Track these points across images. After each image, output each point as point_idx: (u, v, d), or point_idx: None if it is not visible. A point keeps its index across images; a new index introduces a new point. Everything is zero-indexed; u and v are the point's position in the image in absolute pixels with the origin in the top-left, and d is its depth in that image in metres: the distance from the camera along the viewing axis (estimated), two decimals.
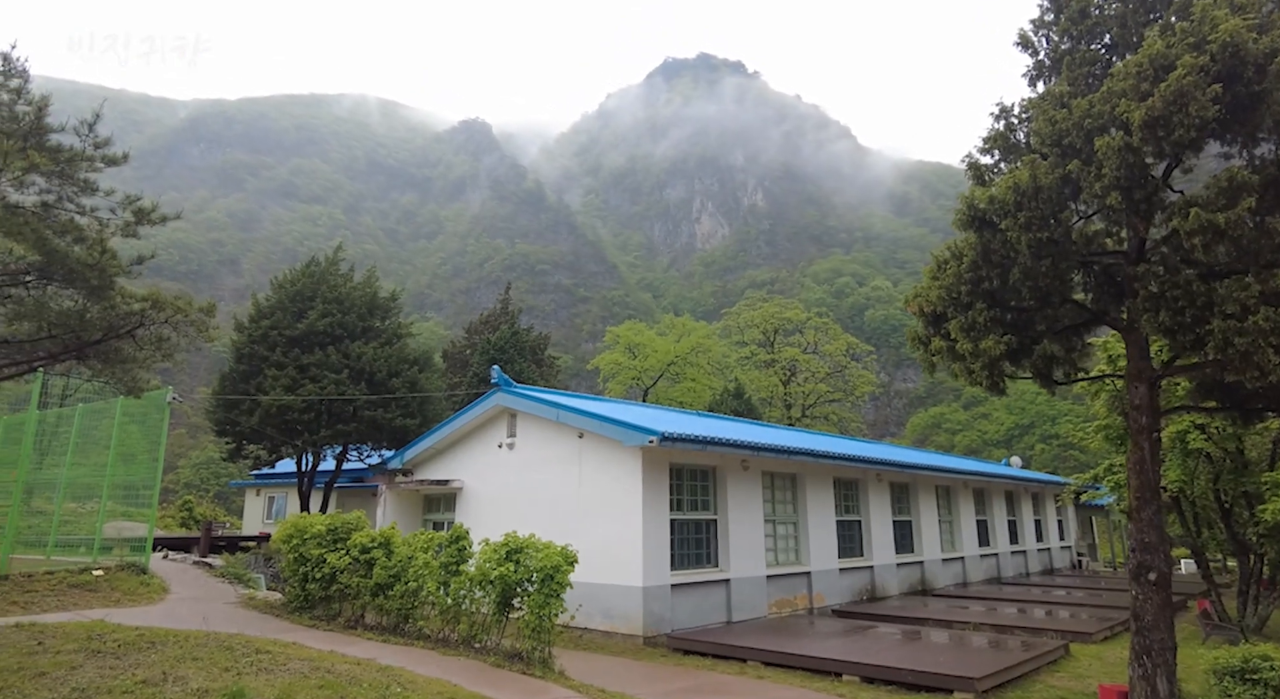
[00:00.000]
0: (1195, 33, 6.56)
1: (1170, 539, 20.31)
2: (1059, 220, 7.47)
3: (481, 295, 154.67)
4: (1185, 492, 16.38)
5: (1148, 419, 7.71)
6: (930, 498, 21.59)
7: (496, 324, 35.02)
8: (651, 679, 9.72)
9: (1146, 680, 7.25)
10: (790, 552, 16.55)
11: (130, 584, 12.32)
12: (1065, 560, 29.81)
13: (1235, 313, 6.38)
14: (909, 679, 9.76)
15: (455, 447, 17.37)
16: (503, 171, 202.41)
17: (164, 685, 6.12)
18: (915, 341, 9.13)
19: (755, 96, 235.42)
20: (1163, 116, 6.36)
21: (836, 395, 42.29)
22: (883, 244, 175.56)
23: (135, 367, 8.71)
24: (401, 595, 10.27)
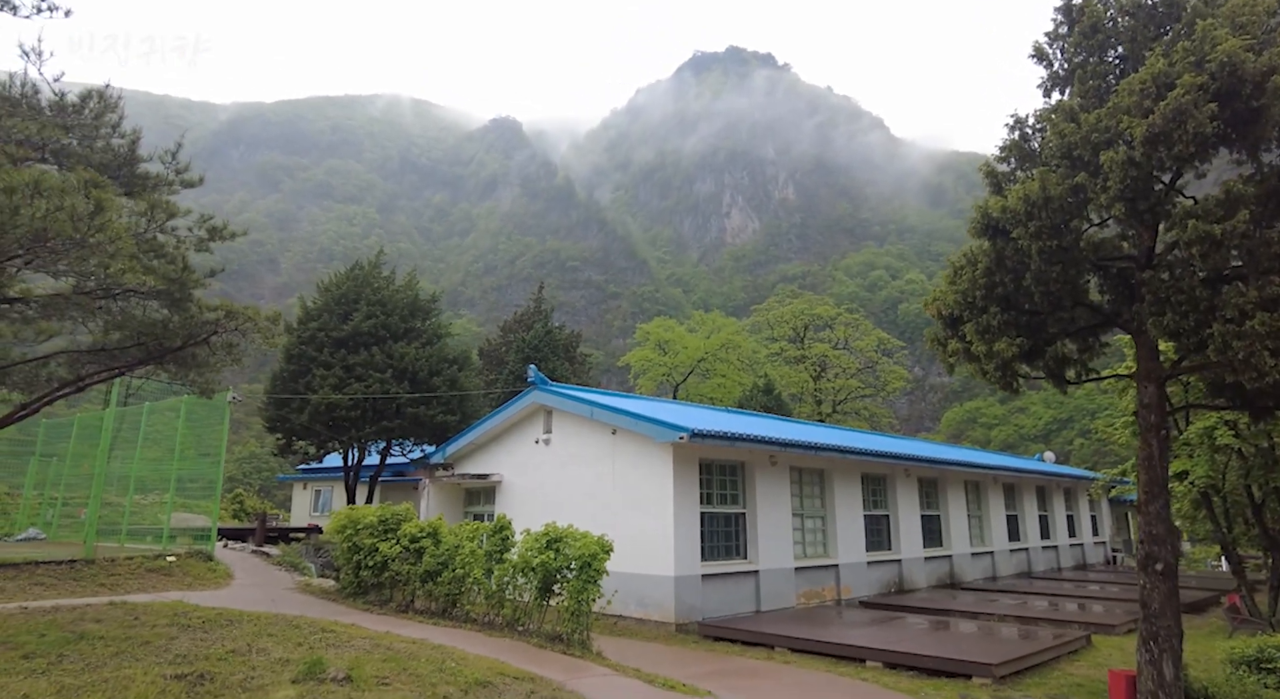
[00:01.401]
0: (1196, 51, 6.90)
1: (1193, 536, 20.27)
2: (1069, 228, 7.86)
3: (513, 292, 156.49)
4: (1215, 487, 16.47)
5: (1156, 417, 8.07)
6: (959, 493, 21.82)
7: (530, 323, 35.86)
8: (683, 662, 10.31)
9: (1153, 665, 7.63)
10: (818, 545, 17.00)
11: (199, 570, 13.29)
12: (1099, 556, 29.71)
13: (1234, 317, 6.74)
14: (930, 665, 10.22)
15: (494, 442, 18.13)
16: (533, 169, 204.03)
17: (250, 655, 6.89)
18: (934, 343, 9.55)
19: (786, 89, 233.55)
20: (1163, 132, 6.73)
21: (868, 391, 42.38)
22: (917, 236, 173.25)
23: (208, 370, 9.51)
24: (449, 581, 11.01)
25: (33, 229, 4.62)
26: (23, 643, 6.75)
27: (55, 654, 6.45)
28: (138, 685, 5.61)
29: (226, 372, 10.14)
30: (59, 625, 7.66)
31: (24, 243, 4.78)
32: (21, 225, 4.58)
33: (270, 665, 6.60)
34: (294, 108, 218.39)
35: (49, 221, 4.65)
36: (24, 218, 4.52)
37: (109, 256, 5.31)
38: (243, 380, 66.88)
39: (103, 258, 5.29)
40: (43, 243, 4.83)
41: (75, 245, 5.03)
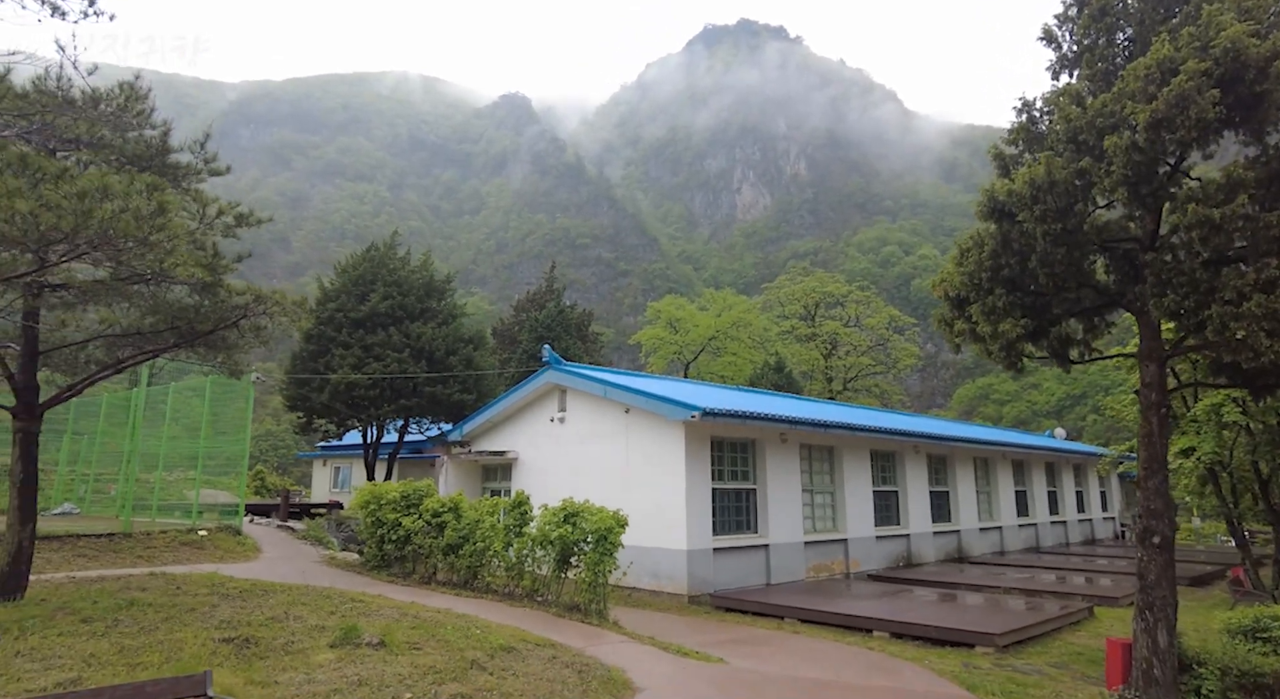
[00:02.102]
0: (1201, 37, 7.00)
1: (1200, 511, 20.41)
2: (1074, 212, 8.01)
3: (524, 270, 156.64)
4: (1222, 464, 16.64)
5: (1157, 396, 8.28)
6: (968, 469, 22.09)
7: (542, 302, 36.13)
8: (696, 631, 10.72)
9: (1148, 633, 7.93)
10: (827, 519, 17.36)
11: (229, 544, 13.81)
12: (1108, 531, 29.96)
13: (1232, 299, 6.91)
14: (934, 635, 10.58)
15: (509, 420, 18.54)
16: (543, 145, 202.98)
17: (288, 622, 7.32)
18: (941, 323, 9.76)
19: (798, 62, 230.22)
20: (1166, 118, 6.85)
21: (879, 368, 42.50)
22: (930, 211, 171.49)
23: (237, 352, 9.87)
24: (470, 554, 11.45)
25: (101, 229, 4.94)
26: (79, 609, 7.21)
27: (111, 619, 6.90)
28: (190, 647, 6.03)
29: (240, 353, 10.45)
30: (108, 593, 8.13)
31: (93, 242, 5.12)
32: (92, 226, 4.90)
33: (308, 631, 7.02)
34: (303, 86, 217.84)
35: (115, 222, 4.97)
36: (95, 219, 4.84)
37: (166, 253, 5.64)
38: (257, 360, 67.77)
39: (160, 254, 5.61)
40: (109, 242, 5.16)
41: (138, 243, 5.36)
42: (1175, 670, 7.77)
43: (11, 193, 4.67)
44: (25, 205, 4.65)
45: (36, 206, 4.67)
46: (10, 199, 4.60)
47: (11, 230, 4.76)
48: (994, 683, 8.16)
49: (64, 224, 4.87)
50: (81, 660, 5.57)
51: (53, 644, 5.97)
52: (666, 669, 7.67)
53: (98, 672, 5.32)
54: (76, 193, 4.91)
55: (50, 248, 5.28)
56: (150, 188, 5.46)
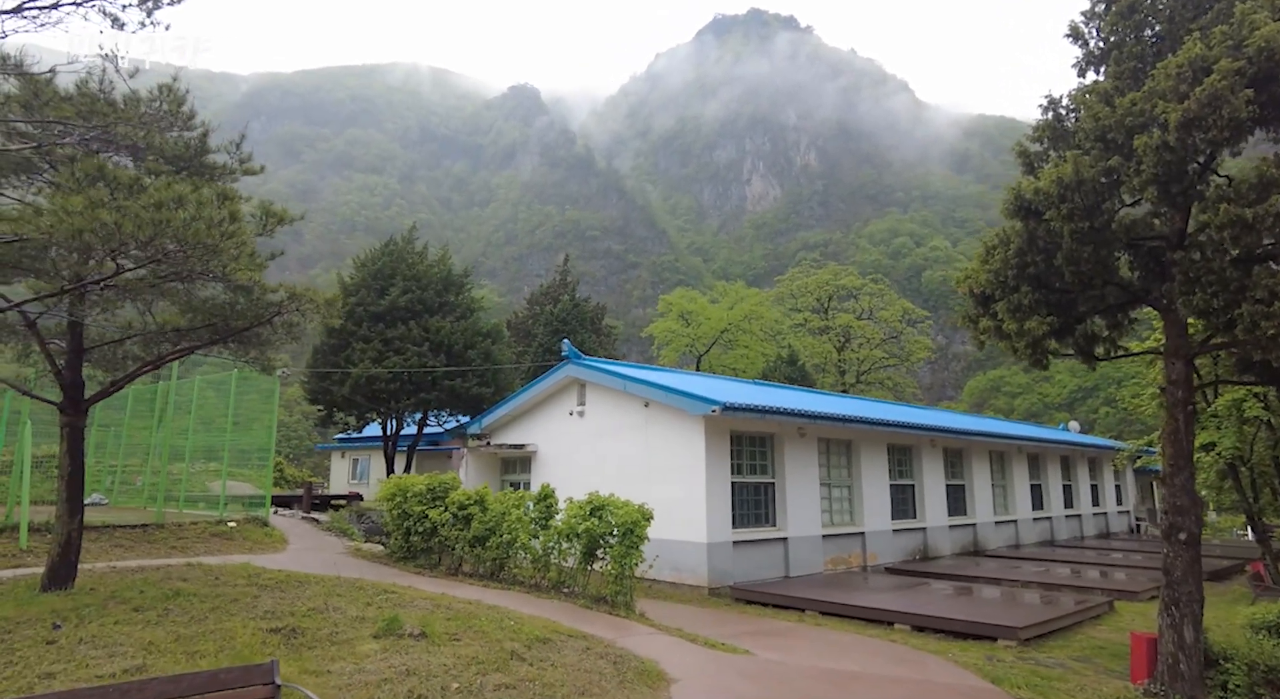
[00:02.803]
0: (1234, 35, 7.02)
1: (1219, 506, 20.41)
2: (1101, 210, 8.06)
3: (534, 262, 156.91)
4: (1243, 458, 16.64)
5: (1183, 393, 8.33)
6: (984, 463, 22.13)
7: (556, 295, 36.27)
8: (719, 623, 10.87)
9: (1174, 629, 8.02)
10: (845, 513, 17.47)
11: (257, 535, 14.07)
12: (1123, 525, 29.94)
13: (1264, 298, 6.96)
14: (956, 628, 10.69)
15: (528, 414, 18.71)
16: (552, 137, 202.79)
17: (329, 613, 7.52)
18: (965, 320, 9.82)
19: (809, 52, 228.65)
20: (1198, 117, 6.89)
21: (892, 361, 42.47)
22: (941, 202, 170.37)
23: (269, 348, 10.05)
24: (497, 546, 11.63)
25: (176, 237, 5.11)
26: (129, 598, 7.43)
27: (161, 608, 7.11)
28: (241, 636, 6.23)
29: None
30: (152, 583, 8.35)
31: (166, 248, 5.30)
32: (167, 234, 5.08)
33: (349, 622, 7.21)
34: (313, 78, 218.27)
35: (188, 230, 5.14)
36: (171, 228, 5.01)
37: (233, 259, 5.81)
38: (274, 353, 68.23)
39: (226, 259, 5.78)
40: (181, 248, 5.33)
41: (208, 250, 5.53)
42: (1201, 665, 7.86)
43: (95, 204, 4.85)
44: (110, 217, 4.83)
45: (120, 217, 4.86)
46: (94, 210, 4.78)
47: (95, 240, 4.95)
48: (1018, 676, 8.28)
49: (142, 233, 5.05)
50: (141, 648, 5.77)
51: (111, 632, 6.18)
52: (697, 661, 7.83)
53: (159, 659, 5.51)
54: (154, 203, 5.09)
55: (126, 255, 5.47)
56: (221, 197, 5.63)
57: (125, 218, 4.93)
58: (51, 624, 6.29)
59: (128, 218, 4.95)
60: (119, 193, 5.20)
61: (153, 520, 13.24)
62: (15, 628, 6.18)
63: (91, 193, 5.05)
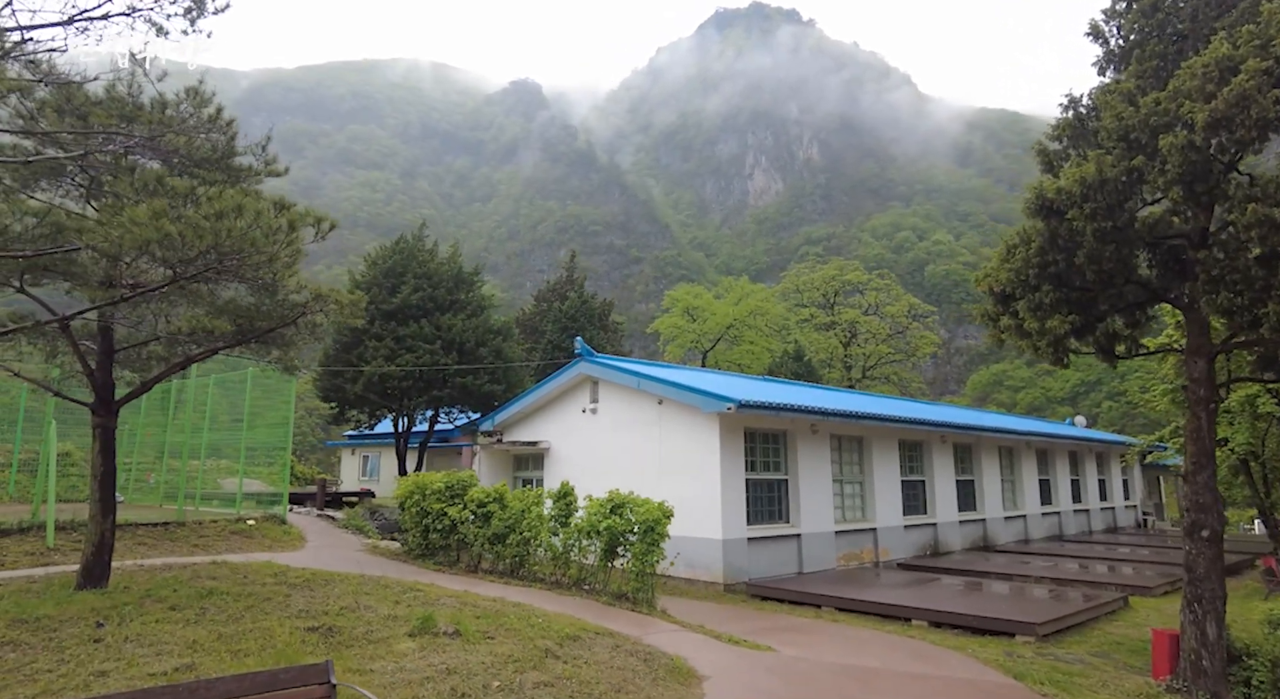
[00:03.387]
0: (1261, 35, 7.05)
1: (1230, 501, 20.50)
2: (1123, 209, 8.10)
3: (536, 257, 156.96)
4: (1255, 453, 16.71)
5: (1205, 392, 8.39)
6: (993, 458, 22.19)
7: (563, 292, 36.30)
8: (739, 619, 10.95)
9: (1196, 625, 8.09)
10: (857, 509, 17.55)
11: (275, 533, 14.16)
12: (1130, 519, 30.01)
13: None
14: (974, 624, 10.77)
15: (541, 411, 18.79)
16: (554, 132, 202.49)
17: (360, 611, 7.60)
18: (984, 318, 9.87)
19: (811, 46, 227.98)
20: (1225, 117, 6.93)
21: (897, 356, 42.50)
22: (944, 196, 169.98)
23: (291, 348, 10.12)
24: (517, 544, 11.72)
25: (235, 245, 5.18)
26: (164, 597, 7.52)
27: (198, 607, 7.20)
28: (281, 635, 6.31)
29: None
30: (183, 582, 8.44)
31: (224, 257, 5.36)
32: (227, 242, 5.15)
33: (382, 621, 7.30)
34: (314, 74, 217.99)
35: (246, 239, 5.21)
36: (232, 236, 5.08)
37: (285, 266, 5.88)
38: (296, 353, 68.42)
39: (279, 266, 5.85)
40: (237, 256, 5.40)
41: (265, 257, 5.60)
42: (1224, 662, 7.93)
43: (158, 214, 4.91)
44: (174, 228, 4.90)
45: (183, 227, 4.92)
46: (159, 220, 4.85)
47: (161, 250, 5.02)
48: (1040, 672, 8.35)
49: (202, 242, 5.12)
50: (186, 647, 5.85)
51: (154, 631, 6.27)
52: (723, 658, 7.91)
53: (205, 658, 5.60)
54: (215, 213, 5.16)
55: (186, 264, 5.54)
56: (278, 206, 5.70)
57: (188, 228, 5.01)
58: (95, 623, 6.37)
59: (190, 228, 5.03)
60: (177, 202, 5.26)
61: (173, 518, 13.34)
62: (60, 626, 6.27)
63: (155, 204, 5.11)
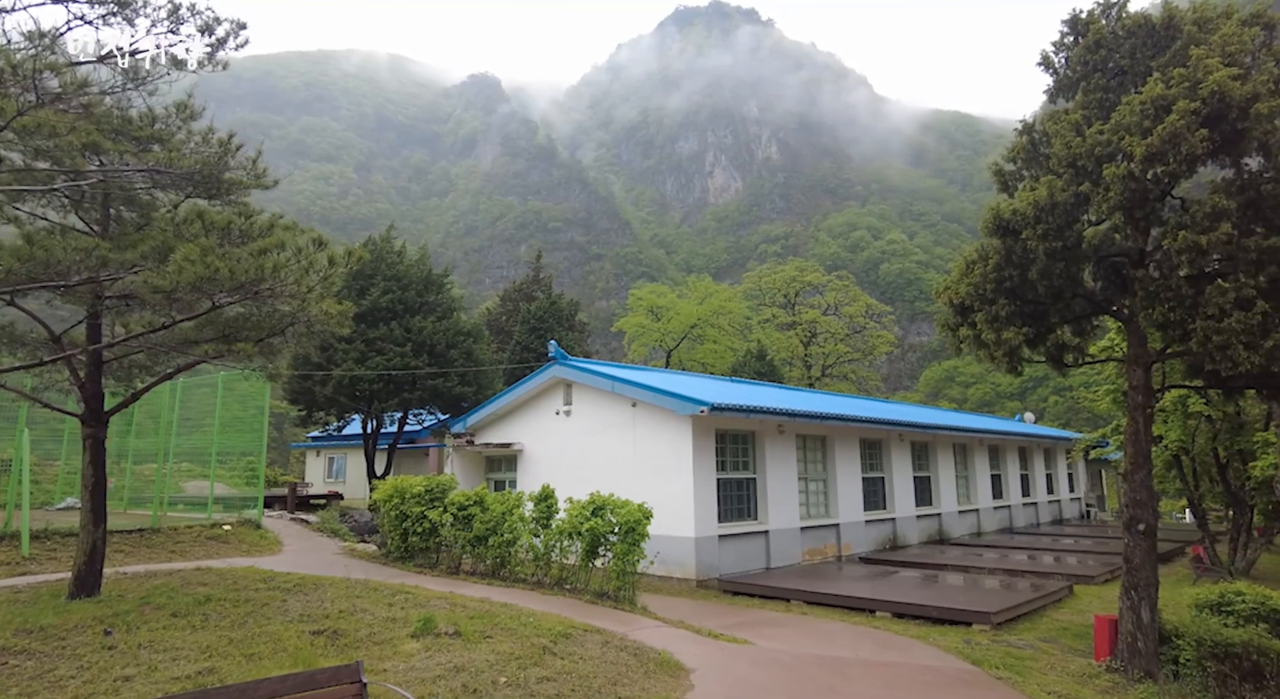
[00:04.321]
0: (1190, 78, 7.78)
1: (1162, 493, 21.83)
2: (1072, 230, 8.81)
3: (495, 254, 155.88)
4: (1186, 450, 17.91)
5: (1143, 398, 9.17)
6: (948, 455, 23.20)
7: (529, 292, 36.43)
8: (714, 614, 11.47)
9: (1133, 610, 8.87)
10: (821, 506, 18.26)
11: (252, 537, 14.20)
12: (1075, 511, 31.55)
13: (1215, 314, 7.77)
14: (934, 614, 11.47)
15: (514, 413, 19.05)
16: (513, 127, 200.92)
17: (359, 615, 7.87)
18: (944, 328, 10.54)
19: (771, 46, 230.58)
20: (1160, 151, 7.65)
21: (855, 355, 43.71)
22: (899, 196, 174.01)
23: (278, 356, 10.26)
24: (499, 545, 12.04)
25: (275, 279, 5.40)
26: (162, 604, 7.66)
27: (199, 613, 7.37)
28: (289, 639, 6.56)
29: None
30: (174, 589, 8.56)
31: (260, 287, 5.58)
32: (268, 277, 5.36)
33: (382, 623, 7.58)
34: (265, 63, 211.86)
35: (287, 274, 5.44)
36: (278, 271, 5.30)
37: (319, 299, 6.09)
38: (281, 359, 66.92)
39: (314, 299, 6.07)
40: (276, 287, 5.62)
41: (304, 290, 5.82)
42: (1156, 643, 8.72)
43: (206, 251, 5.12)
44: (223, 265, 5.11)
45: (232, 264, 5.13)
46: (207, 257, 5.05)
47: (211, 286, 5.22)
48: (995, 657, 9.04)
49: (247, 277, 5.34)
50: (200, 652, 6.07)
51: (163, 637, 6.46)
52: (706, 651, 8.39)
53: (222, 661, 5.83)
54: (259, 249, 5.38)
55: (230, 294, 5.73)
56: (316, 243, 5.93)
57: (236, 265, 5.23)
58: (103, 631, 6.53)
59: (239, 264, 5.25)
60: (214, 234, 5.47)
61: (148, 525, 13.29)
62: (67, 635, 6.42)
63: (203, 242, 5.32)
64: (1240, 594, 9.95)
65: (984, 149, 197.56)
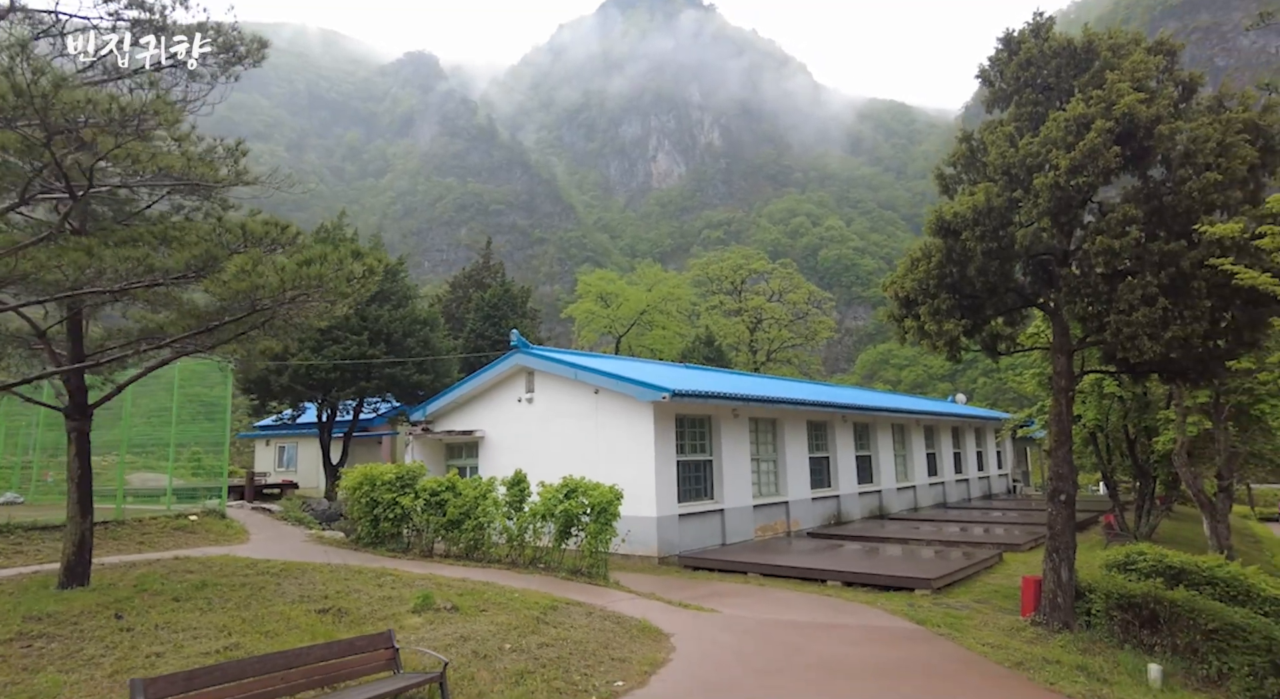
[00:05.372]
0: (1106, 99, 8.77)
1: (1080, 467, 23.71)
2: (1006, 232, 9.77)
3: (434, 236, 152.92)
4: (1101, 427, 19.61)
5: (1065, 382, 10.26)
6: (887, 435, 24.59)
7: (479, 278, 36.38)
8: (680, 587, 12.22)
9: (1054, 571, 9.99)
10: (771, 485, 19.26)
11: (218, 527, 14.26)
12: (1003, 486, 33.70)
13: (1125, 309, 8.83)
14: (880, 582, 12.50)
15: (474, 401, 19.38)
16: (452, 106, 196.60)
17: (354, 595, 8.28)
18: (891, 319, 11.45)
19: (713, 31, 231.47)
20: (1080, 165, 8.61)
21: (798, 340, 45.20)
22: (836, 184, 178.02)
23: (254, 345, 10.45)
24: (473, 529, 12.50)
25: (317, 287, 5.67)
26: (159, 590, 7.89)
27: (201, 598, 7.65)
28: (298, 618, 6.95)
29: None
30: (163, 577, 8.76)
31: (299, 294, 5.85)
32: (312, 286, 5.63)
33: (380, 601, 8.02)
34: None
35: (328, 283, 5.71)
36: (322, 280, 5.57)
37: (354, 302, 6.37)
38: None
39: (349, 303, 6.35)
40: (315, 294, 5.89)
41: (339, 295, 6.10)
42: (1073, 598, 9.86)
43: (255, 260, 5.37)
44: (274, 277, 5.37)
45: (282, 276, 5.40)
46: (257, 268, 5.31)
47: (263, 295, 5.47)
48: (937, 617, 10.06)
49: (293, 287, 5.62)
50: (218, 631, 6.42)
51: (176, 619, 6.75)
52: (679, 619, 9.12)
53: (243, 638, 6.20)
54: (305, 261, 5.65)
55: (273, 300, 5.97)
56: (355, 254, 6.21)
57: (284, 275, 5.51)
58: (114, 615, 6.78)
59: (287, 276, 5.53)
60: (252, 244, 5.73)
61: (111, 518, 13.22)
62: (78, 620, 6.65)
63: (253, 252, 5.59)
64: (1143, 554, 11.24)
65: (918, 137, 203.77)
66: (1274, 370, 13.15)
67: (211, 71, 6.07)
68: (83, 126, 4.86)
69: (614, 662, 6.67)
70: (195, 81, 5.88)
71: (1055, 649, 8.69)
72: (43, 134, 4.86)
